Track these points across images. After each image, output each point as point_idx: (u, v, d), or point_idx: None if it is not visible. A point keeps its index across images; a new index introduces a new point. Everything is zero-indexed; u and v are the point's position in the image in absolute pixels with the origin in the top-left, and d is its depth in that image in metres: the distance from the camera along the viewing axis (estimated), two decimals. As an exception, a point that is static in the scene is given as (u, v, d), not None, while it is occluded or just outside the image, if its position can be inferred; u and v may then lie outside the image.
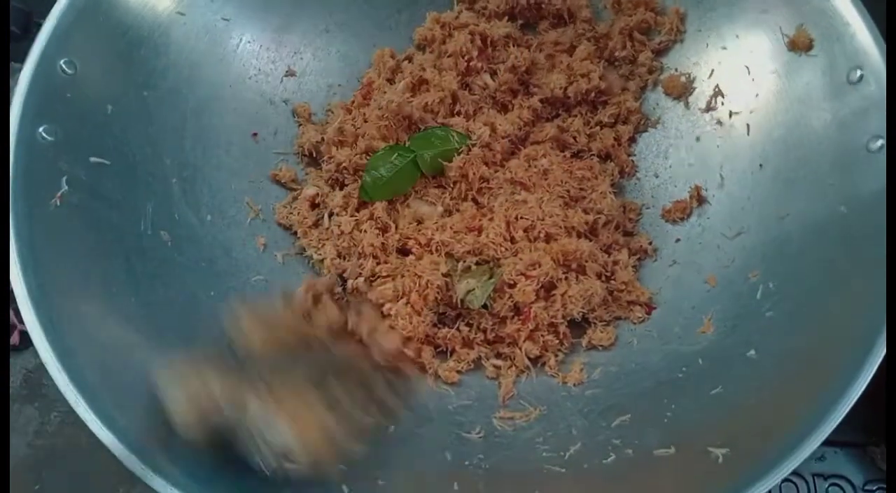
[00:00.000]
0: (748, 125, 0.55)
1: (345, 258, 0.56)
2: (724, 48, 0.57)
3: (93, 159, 0.48)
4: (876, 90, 0.46)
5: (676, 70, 0.60)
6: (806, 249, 0.48)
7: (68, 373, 0.40)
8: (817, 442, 0.38)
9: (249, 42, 0.59)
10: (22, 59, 0.46)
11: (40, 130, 0.46)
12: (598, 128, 0.61)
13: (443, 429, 0.49)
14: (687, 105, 0.60)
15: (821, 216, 0.48)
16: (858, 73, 0.47)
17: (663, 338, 0.52)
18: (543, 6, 0.62)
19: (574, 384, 0.51)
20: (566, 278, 0.53)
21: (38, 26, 0.48)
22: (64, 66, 0.47)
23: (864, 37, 0.47)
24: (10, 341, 0.58)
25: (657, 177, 0.60)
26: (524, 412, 0.50)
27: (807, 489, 0.54)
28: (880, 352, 0.39)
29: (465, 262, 0.53)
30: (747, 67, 0.55)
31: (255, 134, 0.60)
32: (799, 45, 0.51)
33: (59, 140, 0.46)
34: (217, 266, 0.53)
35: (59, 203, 0.45)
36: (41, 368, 0.44)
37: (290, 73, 0.62)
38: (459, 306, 0.53)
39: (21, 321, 0.45)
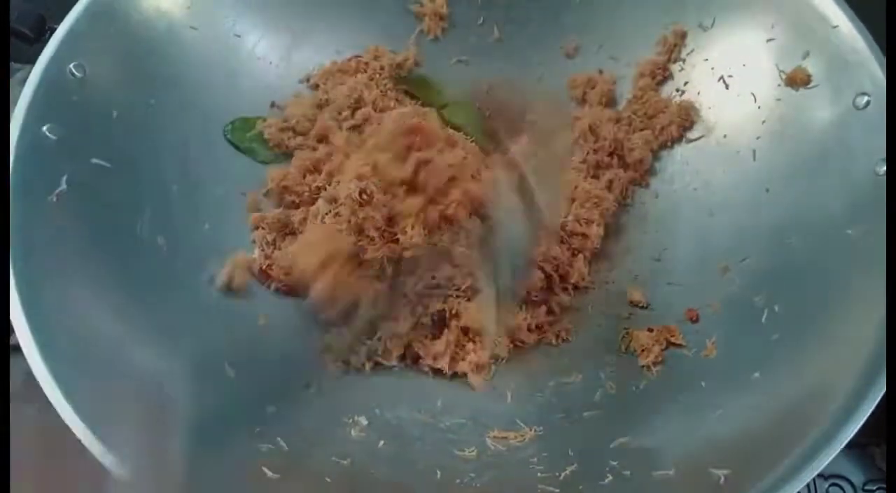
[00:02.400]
0: (754, 151, 0.54)
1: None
2: (731, 76, 0.57)
3: (94, 161, 0.48)
4: (882, 116, 0.46)
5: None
6: (812, 272, 0.47)
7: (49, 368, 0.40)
8: (822, 464, 0.36)
9: (259, 58, 0.60)
10: (26, 61, 0.46)
11: (44, 128, 0.46)
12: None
13: (434, 447, 0.47)
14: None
15: (827, 240, 0.47)
16: (865, 99, 0.47)
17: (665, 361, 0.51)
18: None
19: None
20: None
21: (52, 31, 0.49)
22: (73, 69, 0.48)
23: (870, 64, 0.47)
24: (9, 340, 0.57)
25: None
26: (519, 432, 0.48)
27: (807, 489, 0.52)
28: (882, 379, 0.38)
29: None
30: (753, 95, 0.55)
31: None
32: (797, 82, 0.51)
33: (63, 140, 0.46)
34: (211, 275, 0.52)
35: (55, 201, 0.45)
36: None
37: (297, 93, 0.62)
38: None
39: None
